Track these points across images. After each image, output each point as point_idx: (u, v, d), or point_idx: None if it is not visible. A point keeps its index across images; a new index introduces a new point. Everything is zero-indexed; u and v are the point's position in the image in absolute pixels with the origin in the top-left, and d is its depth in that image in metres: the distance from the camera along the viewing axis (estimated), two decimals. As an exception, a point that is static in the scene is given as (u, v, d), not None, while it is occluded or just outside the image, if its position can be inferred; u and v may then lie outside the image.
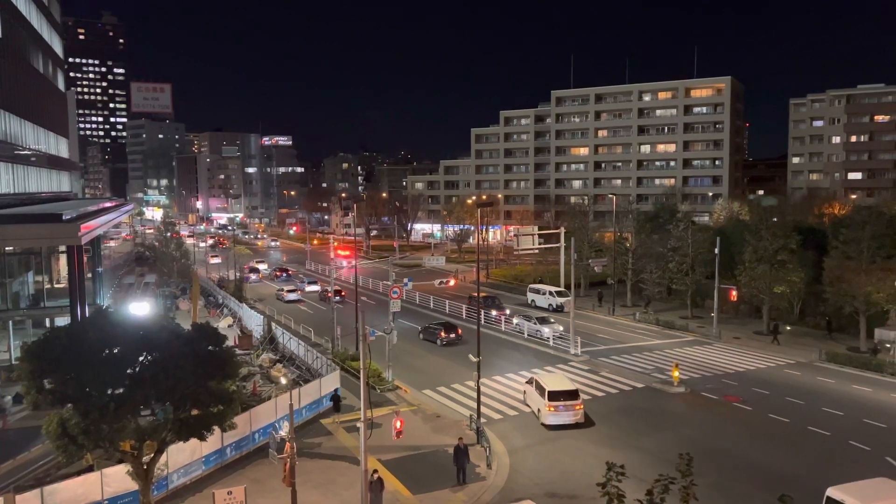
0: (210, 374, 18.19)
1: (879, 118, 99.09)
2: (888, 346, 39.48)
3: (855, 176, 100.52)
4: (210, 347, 18.58)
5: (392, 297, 37.25)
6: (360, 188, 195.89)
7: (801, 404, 31.49)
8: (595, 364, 39.28)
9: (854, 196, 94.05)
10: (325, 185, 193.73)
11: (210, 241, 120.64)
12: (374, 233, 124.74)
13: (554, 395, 28.80)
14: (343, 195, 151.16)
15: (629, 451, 26.04)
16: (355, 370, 34.84)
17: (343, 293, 61.75)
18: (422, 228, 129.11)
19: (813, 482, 23.18)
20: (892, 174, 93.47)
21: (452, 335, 44.30)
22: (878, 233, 40.93)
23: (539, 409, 29.61)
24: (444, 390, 34.34)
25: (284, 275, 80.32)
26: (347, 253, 72.27)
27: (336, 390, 31.58)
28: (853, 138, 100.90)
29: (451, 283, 70.33)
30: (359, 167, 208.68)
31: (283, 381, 34.35)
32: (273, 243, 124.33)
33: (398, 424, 22.85)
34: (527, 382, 32.39)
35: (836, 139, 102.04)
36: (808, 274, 46.79)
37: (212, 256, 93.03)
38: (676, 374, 34.25)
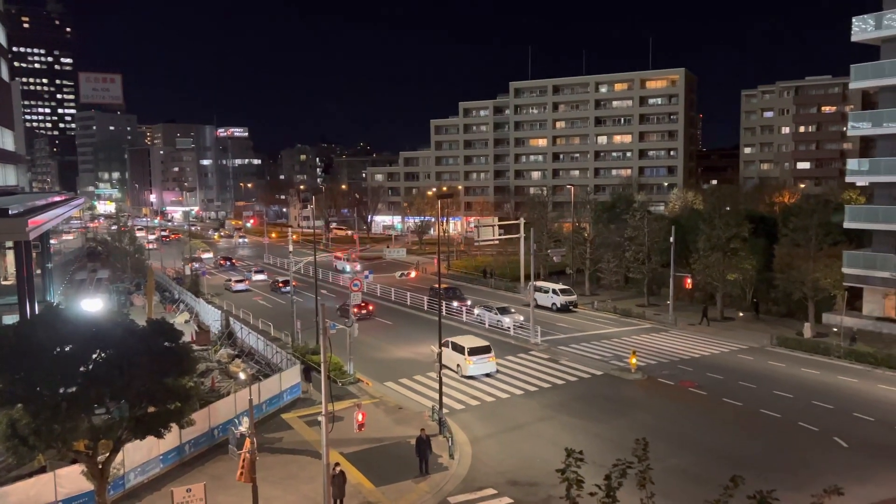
0: (166, 370, 17.88)
1: (826, 109, 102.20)
2: (835, 329, 40.89)
3: (803, 165, 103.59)
4: (166, 343, 18.24)
5: (353, 290, 37.05)
6: (318, 180, 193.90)
7: (754, 388, 32.44)
8: (555, 353, 39.77)
9: (803, 185, 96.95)
10: (282, 177, 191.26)
11: (158, 234, 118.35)
12: (333, 224, 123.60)
13: (473, 351, 34.84)
14: (301, 187, 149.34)
15: (589, 438, 26.49)
16: (316, 364, 34.63)
17: (294, 283, 61.98)
18: (382, 220, 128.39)
19: (765, 463, 23.94)
20: (839, 164, 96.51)
21: (363, 311, 49.70)
22: (824, 221, 42.31)
23: (459, 365, 35.18)
24: (406, 382, 34.38)
25: (228, 263, 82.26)
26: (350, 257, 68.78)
27: (305, 366, 33.04)
28: (801, 129, 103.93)
29: (412, 274, 70.26)
30: (317, 159, 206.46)
31: (242, 376, 33.94)
32: (242, 240, 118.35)
33: (360, 417, 22.81)
34: (441, 345, 34.66)
35: (786, 129, 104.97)
36: (760, 261, 48.12)
37: (148, 243, 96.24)
38: (634, 361, 34.93)
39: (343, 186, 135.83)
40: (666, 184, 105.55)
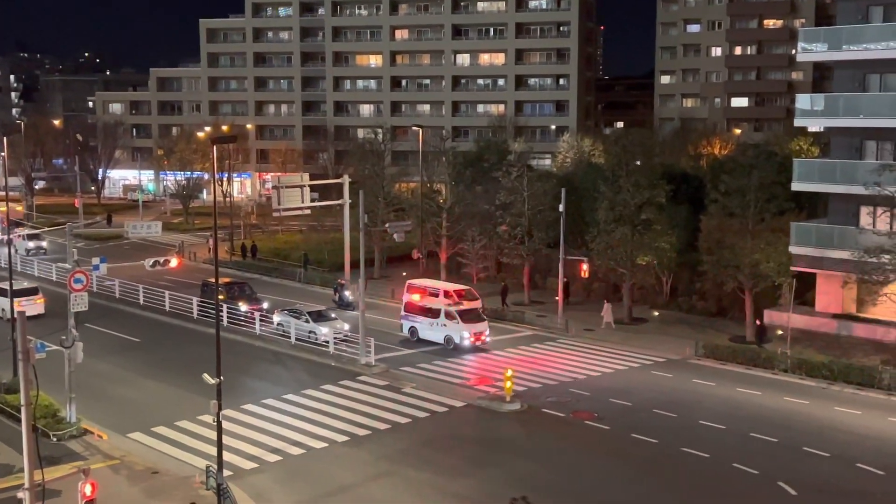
0: None
1: (770, 23, 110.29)
2: (779, 332, 44.54)
3: (740, 102, 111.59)
4: None
5: (74, 290, 35.30)
6: (14, 111, 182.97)
7: (673, 417, 34.66)
8: (396, 377, 40.26)
9: (738, 130, 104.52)
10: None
11: None
12: (40, 184, 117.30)
13: (17, 294, 43.50)
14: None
15: (445, 501, 27.14)
16: (13, 408, 32.83)
17: None
18: (123, 178, 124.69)
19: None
20: (786, 100, 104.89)
21: None
22: (767, 180, 45.57)
23: (3, 309, 46.63)
24: (163, 431, 33.46)
25: None
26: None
27: None
28: (738, 50, 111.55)
29: (173, 263, 68.01)
30: (12, 77, 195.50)
31: None
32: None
33: (88, 490, 21.96)
34: None
35: (717, 50, 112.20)
36: (681, 237, 51.23)
37: None
38: (509, 385, 36.14)
39: (56, 122, 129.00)
40: (554, 126, 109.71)
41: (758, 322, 45.38)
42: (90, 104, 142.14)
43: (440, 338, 45.91)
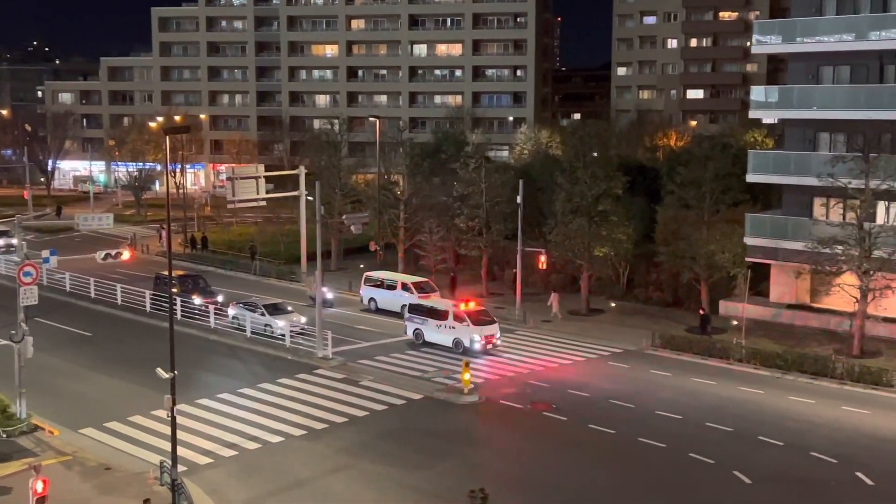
0: None
1: (725, 15, 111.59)
2: (734, 322, 45.23)
3: (695, 94, 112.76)
4: None
5: (23, 283, 34.85)
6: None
7: (631, 408, 35.01)
8: (353, 370, 40.26)
9: (694, 122, 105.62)
10: None
11: None
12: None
13: None
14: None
15: (403, 493, 27.24)
16: (-37, 404, 32.47)
17: None
18: (73, 169, 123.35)
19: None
20: (741, 92, 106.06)
21: None
22: (722, 172, 46.29)
23: None
24: (117, 427, 33.18)
25: None
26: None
27: None
28: (693, 42, 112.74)
29: (126, 255, 67.48)
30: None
31: None
32: None
33: (40, 487, 21.76)
34: None
35: (673, 42, 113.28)
36: (638, 229, 51.79)
37: None
38: (467, 376, 36.30)
39: (4, 112, 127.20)
40: (511, 118, 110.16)
41: (701, 311, 45.96)
42: (39, 93, 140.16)
43: (448, 341, 43.64)
